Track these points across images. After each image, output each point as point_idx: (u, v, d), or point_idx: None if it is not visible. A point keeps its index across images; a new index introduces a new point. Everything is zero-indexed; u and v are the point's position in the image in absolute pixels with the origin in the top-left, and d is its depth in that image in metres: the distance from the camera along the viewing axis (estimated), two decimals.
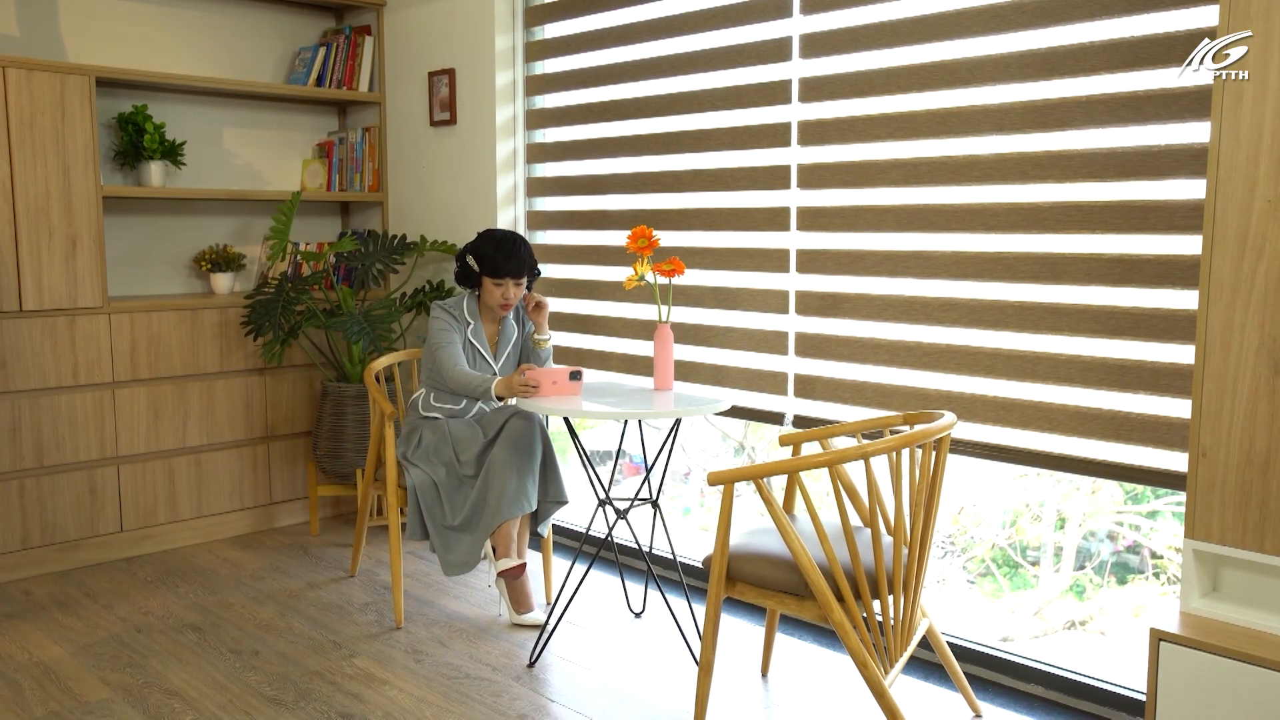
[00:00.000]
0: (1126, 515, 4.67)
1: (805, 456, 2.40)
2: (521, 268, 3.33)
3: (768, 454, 5.82)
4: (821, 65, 3.19)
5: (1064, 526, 4.73)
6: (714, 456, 5.36)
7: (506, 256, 3.30)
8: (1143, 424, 2.62)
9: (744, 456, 5.86)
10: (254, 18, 4.57)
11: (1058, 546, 4.79)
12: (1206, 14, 2.45)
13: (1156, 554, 4.67)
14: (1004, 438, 2.90)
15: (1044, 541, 4.79)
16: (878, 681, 2.36)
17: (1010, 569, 4.77)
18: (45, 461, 3.81)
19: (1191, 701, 2.10)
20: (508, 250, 3.31)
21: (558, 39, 4.05)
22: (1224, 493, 2.14)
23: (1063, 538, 4.78)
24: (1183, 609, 2.23)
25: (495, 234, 3.37)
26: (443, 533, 3.26)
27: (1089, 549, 4.68)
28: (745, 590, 2.54)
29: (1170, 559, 4.72)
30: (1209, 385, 2.14)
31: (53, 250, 3.76)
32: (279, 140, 4.70)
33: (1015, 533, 4.76)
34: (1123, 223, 2.61)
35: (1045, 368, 2.77)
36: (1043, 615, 4.59)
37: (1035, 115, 2.73)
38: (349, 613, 3.48)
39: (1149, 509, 4.60)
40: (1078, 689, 2.80)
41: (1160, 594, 4.38)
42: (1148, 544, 4.55)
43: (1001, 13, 2.77)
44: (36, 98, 3.68)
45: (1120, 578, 4.58)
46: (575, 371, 3.10)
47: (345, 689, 2.90)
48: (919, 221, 2.99)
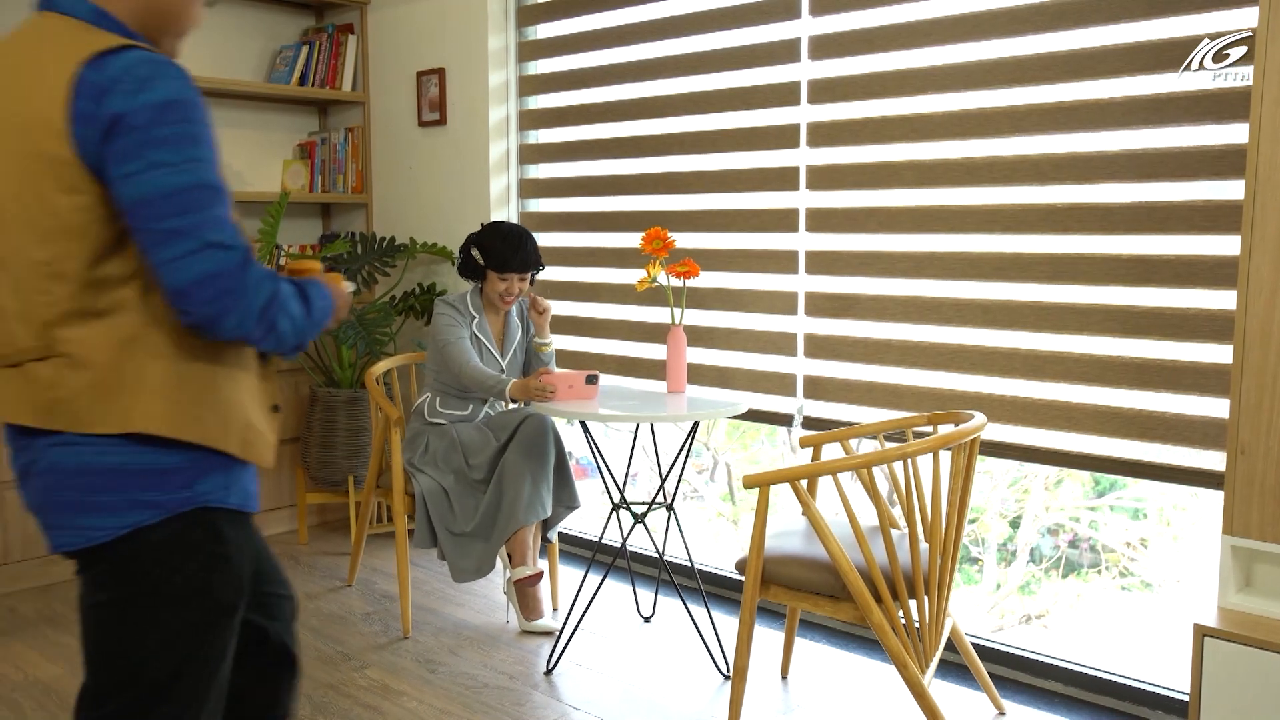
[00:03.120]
0: (1083, 510, 4.75)
1: (845, 458, 2.39)
2: (527, 263, 3.29)
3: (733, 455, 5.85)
4: (832, 67, 3.19)
5: (1019, 523, 4.81)
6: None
7: (513, 251, 3.26)
8: (1164, 422, 2.66)
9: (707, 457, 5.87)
10: (232, 15, 4.46)
11: (1001, 541, 4.86)
12: (1226, 18, 2.49)
13: (1110, 548, 4.77)
14: (1021, 437, 2.92)
15: (984, 537, 4.85)
16: (918, 682, 2.36)
17: (963, 565, 4.83)
18: None
19: (1235, 694, 2.13)
20: (514, 244, 3.27)
21: (552, 39, 4.01)
22: (1263, 489, 2.17)
23: (1011, 533, 4.85)
24: (1220, 604, 2.27)
25: (502, 227, 3.32)
26: (453, 539, 3.20)
27: (1039, 545, 4.77)
28: (779, 593, 2.53)
29: (1122, 553, 4.82)
30: (1248, 383, 2.17)
31: None
32: (259, 140, 4.59)
33: (978, 529, 4.82)
34: (1142, 224, 2.65)
35: (1064, 367, 2.80)
36: (1000, 610, 4.66)
37: (1055, 117, 2.76)
38: (352, 623, 3.40)
39: (1111, 502, 4.68)
40: (1097, 684, 2.84)
41: (1118, 588, 4.46)
42: (1095, 537, 4.62)
43: (1021, 15, 2.80)
44: None
45: (1063, 572, 4.67)
46: (592, 375, 3.07)
47: (362, 701, 2.84)
48: (934, 222, 3.01)
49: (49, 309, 1.40)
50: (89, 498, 1.42)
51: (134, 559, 1.44)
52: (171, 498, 1.45)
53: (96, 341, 1.40)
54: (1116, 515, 4.64)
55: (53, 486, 1.44)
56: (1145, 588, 4.52)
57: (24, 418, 1.43)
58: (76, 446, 1.42)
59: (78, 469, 1.42)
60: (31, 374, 1.42)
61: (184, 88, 1.38)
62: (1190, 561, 4.33)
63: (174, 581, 1.46)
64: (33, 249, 1.39)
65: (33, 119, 1.37)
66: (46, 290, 1.39)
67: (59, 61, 1.37)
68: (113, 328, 1.41)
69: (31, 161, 1.38)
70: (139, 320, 1.42)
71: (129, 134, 1.34)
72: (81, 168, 1.36)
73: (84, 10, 1.44)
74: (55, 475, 1.43)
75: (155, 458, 1.43)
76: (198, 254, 1.36)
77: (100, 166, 1.36)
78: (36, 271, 1.39)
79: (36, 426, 1.43)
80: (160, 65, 1.38)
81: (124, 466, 1.42)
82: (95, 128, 1.34)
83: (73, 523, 1.44)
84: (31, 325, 1.41)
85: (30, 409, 1.42)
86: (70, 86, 1.34)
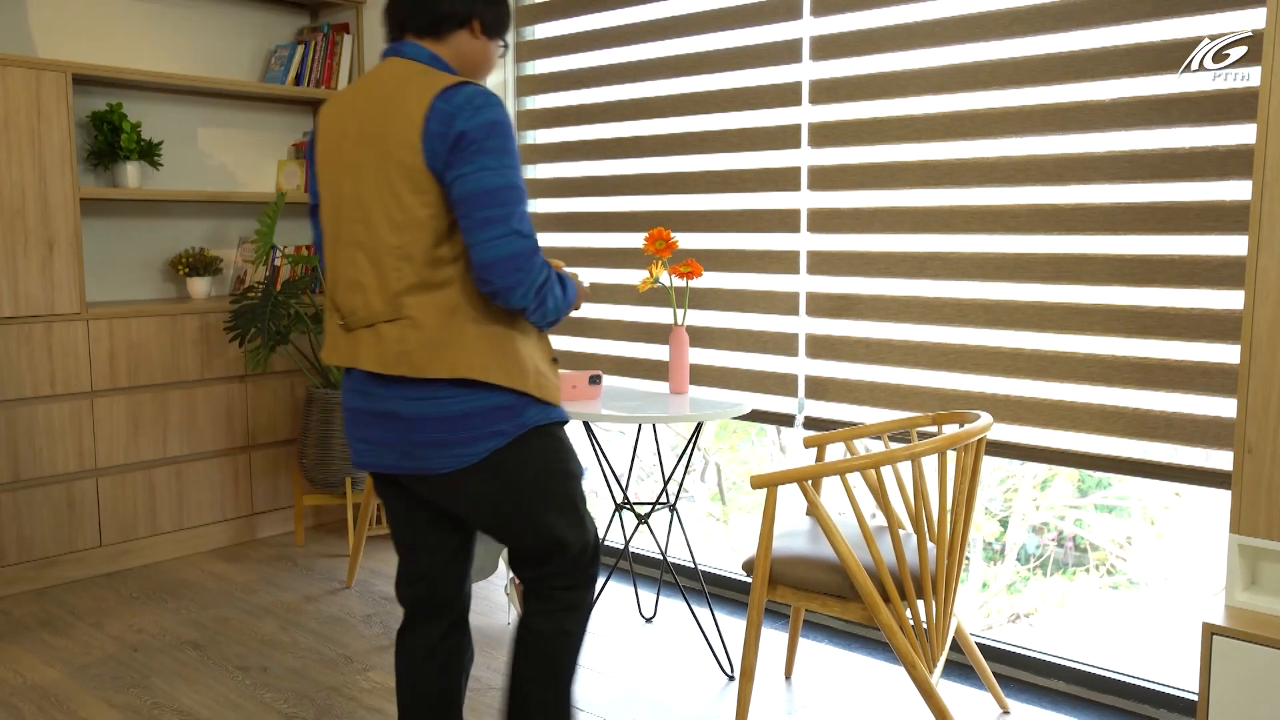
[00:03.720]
0: (1068, 509, 4.76)
1: (855, 458, 2.39)
2: None
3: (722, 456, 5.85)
4: (833, 68, 3.19)
5: (1008, 523, 4.82)
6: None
7: None
8: (1167, 421, 2.67)
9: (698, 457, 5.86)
10: (226, 14, 4.43)
11: (986, 541, 4.87)
12: (1229, 19, 2.50)
13: (1096, 546, 4.79)
14: (1024, 437, 2.93)
15: (973, 536, 4.86)
16: (926, 681, 2.37)
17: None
18: (21, 475, 3.65)
19: (1243, 693, 2.14)
20: None
21: (551, 39, 4.00)
22: (1270, 488, 2.18)
23: (1001, 531, 4.86)
24: (1227, 603, 2.28)
25: None
26: None
27: (1025, 544, 4.78)
28: (786, 593, 2.53)
29: (1110, 551, 4.83)
30: (1255, 383, 2.18)
31: (29, 254, 3.61)
32: (253, 140, 4.57)
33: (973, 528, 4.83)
34: (1145, 224, 2.66)
35: (1067, 367, 2.81)
36: (988, 609, 4.67)
37: (1058, 118, 2.77)
38: (352, 625, 3.38)
39: (1095, 501, 4.69)
40: (1100, 683, 2.85)
41: (1105, 587, 4.48)
42: (1082, 535, 4.63)
43: (1023, 16, 2.81)
44: (11, 95, 3.52)
45: (1047, 570, 4.68)
46: (594, 376, 3.07)
47: (366, 704, 2.82)
48: (936, 223, 3.01)
49: (398, 282, 1.84)
50: (453, 435, 1.87)
51: (500, 469, 1.92)
52: (511, 425, 1.90)
53: (429, 308, 1.84)
54: (1101, 515, 4.65)
55: (421, 429, 1.88)
56: (1132, 586, 4.54)
57: (379, 367, 1.87)
58: (437, 400, 1.86)
59: (439, 417, 1.87)
60: (383, 333, 1.87)
61: (504, 113, 1.83)
62: (1175, 559, 4.35)
63: (537, 471, 1.96)
64: (389, 236, 1.83)
65: (396, 138, 1.81)
66: (398, 268, 1.83)
67: (417, 95, 1.81)
68: (441, 298, 1.84)
69: (392, 170, 1.82)
70: (459, 292, 1.85)
71: (467, 146, 1.77)
72: (428, 174, 1.80)
73: (424, 56, 1.92)
74: (423, 422, 1.87)
75: (490, 400, 1.87)
76: (504, 238, 1.78)
77: (442, 172, 1.79)
78: (391, 254, 1.84)
79: (387, 374, 1.86)
80: (489, 96, 1.82)
81: (471, 411, 1.87)
82: (444, 143, 1.78)
83: (439, 455, 1.89)
84: (385, 295, 1.85)
85: (383, 360, 1.87)
86: (425, 113, 1.79)
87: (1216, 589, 3.76)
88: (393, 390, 1.88)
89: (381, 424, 1.92)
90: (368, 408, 1.94)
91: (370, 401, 1.93)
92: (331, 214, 1.95)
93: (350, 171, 1.89)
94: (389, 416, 1.91)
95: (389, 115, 1.83)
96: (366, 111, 1.88)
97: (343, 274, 1.93)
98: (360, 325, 1.90)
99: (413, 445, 1.90)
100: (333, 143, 1.94)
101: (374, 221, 1.85)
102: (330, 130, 1.95)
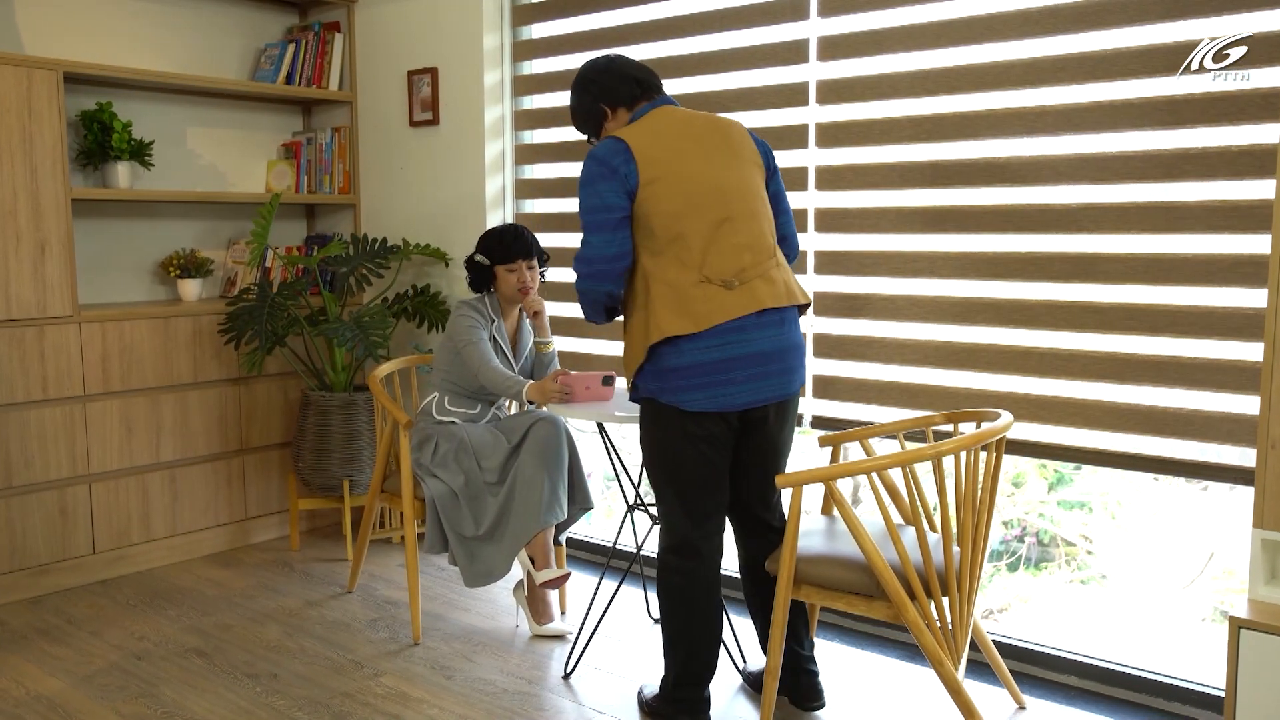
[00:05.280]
0: (1034, 505, 4.80)
1: (879, 458, 2.40)
2: (530, 247, 3.31)
3: None
4: (841, 68, 3.20)
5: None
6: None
7: (514, 238, 3.30)
8: (1182, 418, 2.70)
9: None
10: (214, 12, 4.37)
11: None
12: (1241, 21, 2.54)
13: (1069, 541, 4.84)
14: (1039, 435, 2.95)
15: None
16: (953, 678, 2.38)
17: None
18: (14, 482, 3.57)
19: (1270, 685, 2.17)
20: (513, 233, 3.32)
21: (549, 39, 3.98)
22: None
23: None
24: (1250, 596, 2.31)
25: (495, 229, 3.37)
26: (465, 543, 3.16)
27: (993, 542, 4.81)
28: (810, 592, 2.53)
29: (1080, 546, 4.89)
30: (1278, 379, 2.21)
31: (20, 256, 3.53)
32: (243, 140, 4.51)
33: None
34: (1159, 223, 2.69)
35: (1081, 365, 2.84)
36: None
37: (1069, 118, 2.79)
38: (358, 630, 3.35)
39: (1059, 497, 4.73)
40: (1113, 677, 2.88)
41: (1073, 582, 4.52)
42: (1050, 530, 4.68)
43: (1033, 17, 2.83)
44: (2, 94, 3.45)
45: (1012, 566, 4.72)
46: (608, 376, 3.05)
47: (381, 709, 2.79)
48: (946, 223, 3.03)
49: (770, 239, 2.57)
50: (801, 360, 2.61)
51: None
52: None
53: (780, 254, 2.61)
54: (1064, 510, 4.70)
55: (796, 354, 2.57)
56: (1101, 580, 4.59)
57: (781, 301, 2.51)
58: (797, 327, 2.59)
59: (800, 344, 2.59)
60: (772, 275, 2.53)
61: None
62: (1140, 552, 4.39)
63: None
64: (764, 210, 2.59)
65: (749, 152, 2.62)
66: (770, 232, 2.58)
67: (735, 125, 2.65)
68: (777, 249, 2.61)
69: (754, 170, 2.61)
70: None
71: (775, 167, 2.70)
72: (765, 173, 2.65)
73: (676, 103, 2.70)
74: (797, 348, 2.57)
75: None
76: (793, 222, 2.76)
77: (770, 176, 2.67)
78: (769, 221, 2.59)
79: (781, 306, 2.51)
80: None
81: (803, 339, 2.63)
82: (770, 159, 2.69)
83: (797, 378, 2.58)
84: (768, 249, 2.55)
85: (777, 296, 2.51)
86: (749, 136, 2.65)
87: (1184, 581, 3.83)
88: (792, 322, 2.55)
89: (780, 358, 2.51)
90: (772, 348, 2.49)
91: (778, 340, 2.50)
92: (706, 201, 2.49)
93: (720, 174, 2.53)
94: (791, 350, 2.54)
95: (736, 140, 2.60)
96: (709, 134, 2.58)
97: (727, 241, 2.48)
98: (754, 278, 2.48)
99: (797, 368, 2.57)
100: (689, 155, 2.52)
101: (759, 202, 2.57)
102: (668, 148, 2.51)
